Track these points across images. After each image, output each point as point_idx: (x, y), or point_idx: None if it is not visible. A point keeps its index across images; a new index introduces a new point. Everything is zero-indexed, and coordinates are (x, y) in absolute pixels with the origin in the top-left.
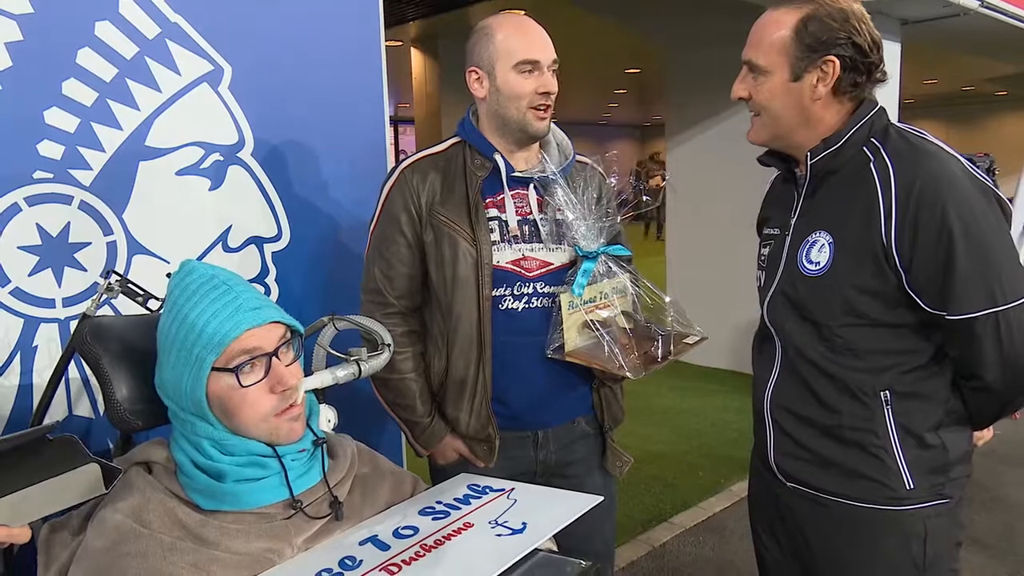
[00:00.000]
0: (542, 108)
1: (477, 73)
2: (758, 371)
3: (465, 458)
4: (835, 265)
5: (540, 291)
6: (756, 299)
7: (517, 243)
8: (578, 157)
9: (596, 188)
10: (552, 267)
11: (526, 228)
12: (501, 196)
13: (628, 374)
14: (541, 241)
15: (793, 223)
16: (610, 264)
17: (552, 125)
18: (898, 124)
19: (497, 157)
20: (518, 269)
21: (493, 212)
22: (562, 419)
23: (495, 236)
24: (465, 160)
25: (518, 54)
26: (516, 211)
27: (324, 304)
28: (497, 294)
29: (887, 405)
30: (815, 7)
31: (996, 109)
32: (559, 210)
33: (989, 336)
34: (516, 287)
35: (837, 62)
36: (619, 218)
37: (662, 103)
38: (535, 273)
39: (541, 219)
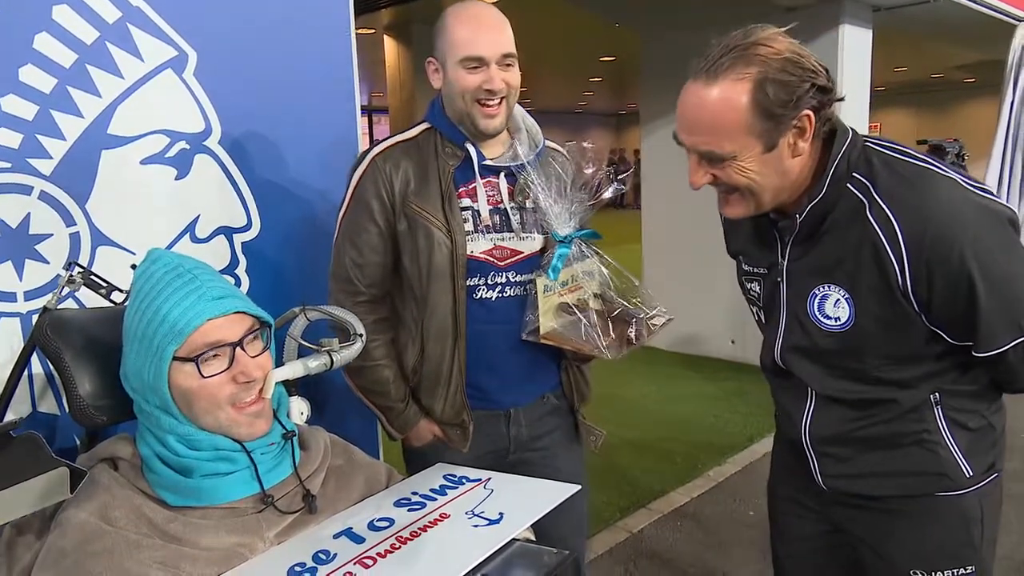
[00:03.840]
0: (489, 104)
1: (434, 64)
2: (787, 405)
3: (439, 440)
4: (860, 320)
5: (512, 280)
6: (732, 286)
7: (489, 232)
8: (548, 143)
9: (569, 174)
10: (522, 255)
11: (497, 217)
12: (473, 185)
13: (607, 354)
14: (512, 230)
15: (785, 268)
16: (582, 248)
17: (521, 111)
18: (873, 145)
19: (468, 146)
20: (491, 259)
21: (466, 202)
22: (532, 397)
23: (468, 226)
24: (436, 148)
25: (463, 49)
26: (487, 200)
27: (296, 294)
28: (471, 284)
29: (937, 405)
30: (761, 68)
31: (965, 95)
32: (529, 198)
33: (1019, 360)
34: (489, 276)
35: (811, 114)
36: (590, 203)
37: (636, 91)
38: (506, 262)
39: (511, 208)
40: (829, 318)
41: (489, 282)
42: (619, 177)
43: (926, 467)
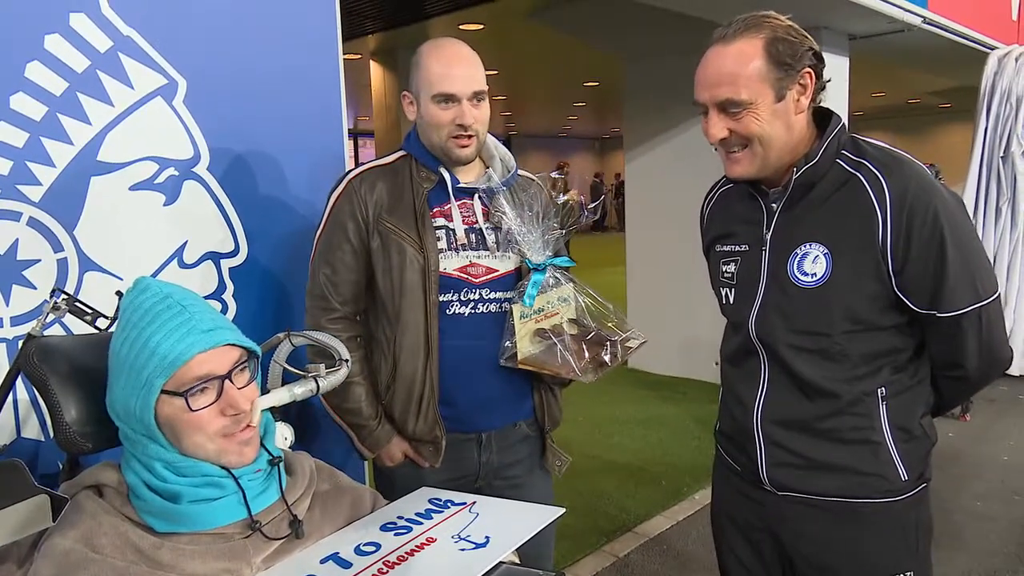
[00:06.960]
0: (463, 137)
1: (409, 98)
2: (740, 389)
3: (411, 459)
4: (835, 274)
5: (486, 297)
6: (715, 308)
7: (464, 250)
8: (521, 173)
9: (542, 204)
10: (498, 273)
11: (473, 236)
12: (448, 206)
13: (582, 378)
14: (487, 249)
15: (768, 237)
16: (557, 275)
17: (494, 140)
18: (860, 136)
19: (442, 170)
20: (465, 275)
21: (441, 221)
22: (504, 421)
23: (442, 244)
24: (411, 172)
25: (435, 87)
26: (463, 220)
27: (282, 320)
28: (444, 299)
29: (883, 401)
30: (771, 30)
31: (940, 121)
32: (504, 218)
33: (972, 328)
34: (463, 293)
35: (812, 72)
36: (563, 231)
37: (620, 116)
38: (481, 279)
39: (487, 228)
40: (806, 274)
41: (462, 298)
42: (590, 206)
43: (867, 467)
